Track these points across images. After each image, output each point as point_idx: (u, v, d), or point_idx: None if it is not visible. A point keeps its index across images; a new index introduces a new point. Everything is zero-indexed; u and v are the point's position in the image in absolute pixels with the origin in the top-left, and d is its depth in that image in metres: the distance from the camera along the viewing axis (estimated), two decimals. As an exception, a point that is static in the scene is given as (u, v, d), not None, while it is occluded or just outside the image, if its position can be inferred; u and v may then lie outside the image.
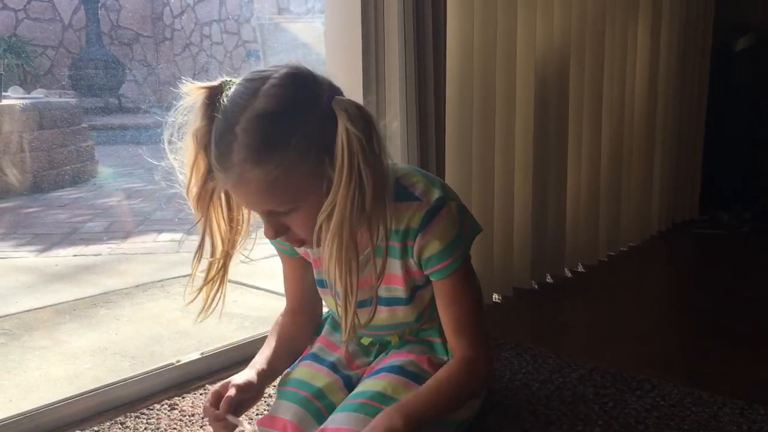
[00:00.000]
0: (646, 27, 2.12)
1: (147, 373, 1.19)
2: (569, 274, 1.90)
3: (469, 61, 1.50)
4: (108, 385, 1.14)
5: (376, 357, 1.06)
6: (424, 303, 1.00)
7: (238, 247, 0.94)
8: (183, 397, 1.17)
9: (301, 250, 1.02)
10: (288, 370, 1.06)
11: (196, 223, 0.90)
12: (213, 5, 6.93)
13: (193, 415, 1.11)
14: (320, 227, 0.82)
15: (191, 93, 0.86)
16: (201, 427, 1.07)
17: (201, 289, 0.93)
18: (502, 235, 1.66)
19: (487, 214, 1.60)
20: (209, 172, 0.86)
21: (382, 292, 0.97)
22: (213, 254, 0.92)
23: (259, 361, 1.00)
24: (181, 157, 0.88)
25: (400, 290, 0.96)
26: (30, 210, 3.28)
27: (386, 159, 0.84)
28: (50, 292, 2.00)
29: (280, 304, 1.11)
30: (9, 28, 6.41)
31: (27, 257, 2.42)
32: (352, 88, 1.33)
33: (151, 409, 1.13)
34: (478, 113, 1.54)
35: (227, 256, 0.93)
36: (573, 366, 1.28)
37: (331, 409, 0.96)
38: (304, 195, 0.83)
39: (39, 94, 4.66)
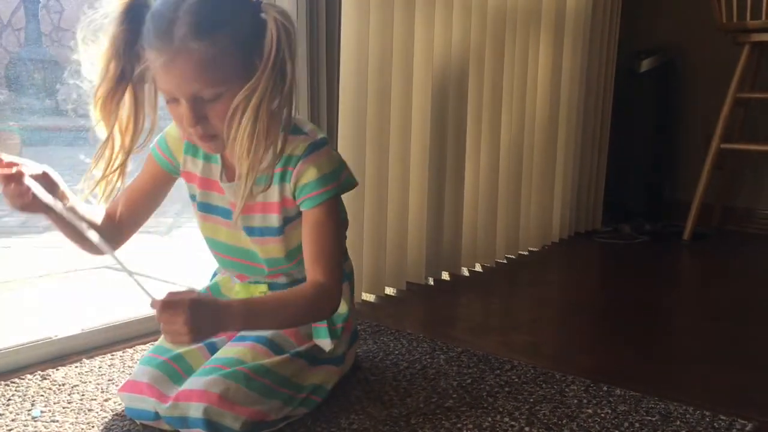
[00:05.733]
0: (548, 44, 2.24)
1: (22, 345, 1.20)
2: (467, 273, 1.99)
3: (364, 64, 1.57)
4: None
5: None
6: (292, 242, 1.07)
7: (137, 145, 1.00)
8: (57, 369, 1.19)
9: (192, 166, 1.07)
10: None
11: (96, 123, 0.96)
12: (157, 12, 6.90)
13: (63, 384, 1.13)
14: (237, 107, 0.90)
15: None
16: (69, 394, 1.10)
17: (98, 182, 0.98)
18: (396, 232, 1.73)
19: (381, 212, 1.66)
20: (121, 74, 0.93)
21: (257, 222, 1.05)
22: (113, 150, 0.98)
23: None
24: (90, 57, 0.95)
25: (274, 218, 1.04)
26: (-54, 204, 3.21)
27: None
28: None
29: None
30: (-57, 24, 6.26)
31: (-67, 248, 2.39)
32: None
33: (23, 378, 1.15)
34: (372, 112, 1.61)
35: (128, 153, 0.99)
36: (445, 349, 1.35)
37: (189, 371, 1.01)
38: (232, 82, 0.91)
39: (-31, 91, 4.56)
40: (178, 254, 2.39)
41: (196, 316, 0.85)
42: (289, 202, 1.03)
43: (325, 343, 1.07)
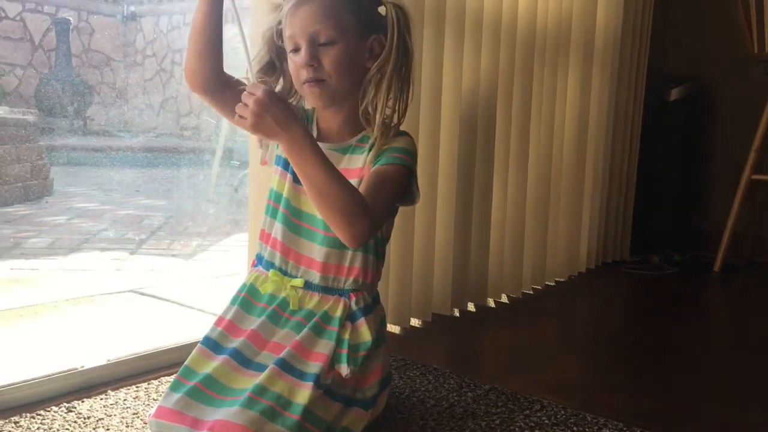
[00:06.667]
0: (576, 72, 2.22)
1: (48, 376, 1.20)
2: (492, 304, 1.96)
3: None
4: (4, 386, 1.15)
5: (276, 320, 1.10)
6: None
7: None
8: (82, 401, 1.18)
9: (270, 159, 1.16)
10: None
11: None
12: (185, 33, 7.02)
13: (88, 417, 1.13)
14: (371, 77, 1.08)
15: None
16: (94, 429, 1.09)
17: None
18: (422, 262, 1.71)
19: (407, 242, 1.64)
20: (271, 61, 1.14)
21: None
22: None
23: None
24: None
25: (353, 183, 1.06)
26: (-26, 224, 3.26)
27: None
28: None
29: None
30: (-23, 46, 6.40)
31: (-40, 268, 2.41)
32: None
33: (48, 411, 1.14)
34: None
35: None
36: (472, 386, 1.33)
37: (223, 390, 1.01)
38: (346, 34, 1.05)
39: (0, 111, 4.64)
40: (202, 279, 2.40)
41: (269, 102, 0.95)
42: (368, 171, 1.08)
43: (343, 368, 1.05)
